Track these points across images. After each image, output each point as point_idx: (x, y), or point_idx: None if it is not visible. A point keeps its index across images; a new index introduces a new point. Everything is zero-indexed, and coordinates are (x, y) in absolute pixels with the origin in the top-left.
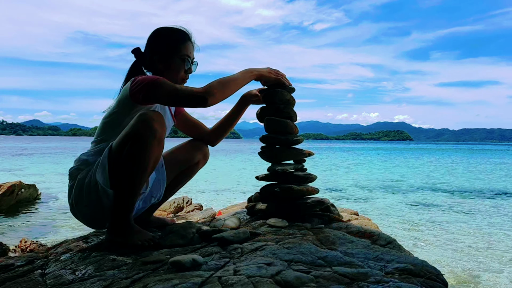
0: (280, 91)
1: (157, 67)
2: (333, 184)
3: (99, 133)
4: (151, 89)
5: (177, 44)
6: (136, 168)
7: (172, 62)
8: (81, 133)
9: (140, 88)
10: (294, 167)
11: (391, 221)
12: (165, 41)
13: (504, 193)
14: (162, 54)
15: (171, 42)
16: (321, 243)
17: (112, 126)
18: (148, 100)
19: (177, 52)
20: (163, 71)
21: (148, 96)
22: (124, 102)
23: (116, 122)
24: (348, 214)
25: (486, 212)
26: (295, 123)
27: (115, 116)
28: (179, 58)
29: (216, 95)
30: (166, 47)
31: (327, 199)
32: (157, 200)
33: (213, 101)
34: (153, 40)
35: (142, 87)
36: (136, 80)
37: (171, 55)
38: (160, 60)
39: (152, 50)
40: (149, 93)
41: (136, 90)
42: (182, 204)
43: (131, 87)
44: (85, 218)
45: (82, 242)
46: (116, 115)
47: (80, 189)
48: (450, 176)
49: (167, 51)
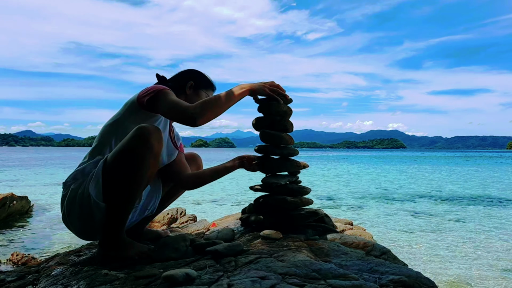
0: (277, 103)
1: (187, 92)
2: (327, 193)
3: (101, 136)
4: (156, 95)
5: (209, 85)
6: (131, 182)
7: (199, 93)
8: (74, 143)
9: (147, 94)
10: (288, 179)
11: (385, 230)
12: (203, 78)
13: (498, 200)
14: (197, 84)
15: (207, 81)
16: (315, 255)
17: (116, 129)
18: (151, 104)
19: (206, 89)
20: (189, 97)
21: (151, 101)
22: (128, 106)
23: (120, 124)
24: (342, 224)
25: (480, 220)
26: None
27: (119, 117)
28: (206, 94)
29: (206, 116)
30: (203, 81)
31: (321, 209)
32: (150, 212)
33: (202, 122)
34: (193, 72)
35: (150, 92)
36: (147, 87)
37: (203, 88)
38: (191, 87)
39: (189, 77)
40: (153, 99)
41: (143, 95)
42: (176, 215)
43: (140, 92)
44: (76, 229)
45: (74, 255)
46: (121, 116)
47: (72, 200)
48: (444, 184)
49: (202, 84)
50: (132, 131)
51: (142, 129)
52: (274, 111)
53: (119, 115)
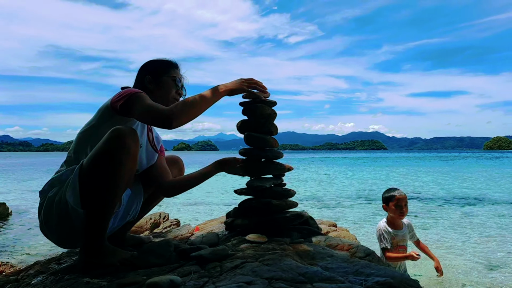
0: (261, 105)
1: (148, 88)
2: (310, 195)
3: (76, 144)
4: (128, 100)
5: (167, 67)
6: (109, 186)
7: (163, 82)
8: (53, 148)
9: (120, 98)
10: (273, 182)
11: (368, 231)
12: (157, 64)
13: (475, 199)
14: (154, 74)
15: (163, 65)
16: (301, 258)
17: (86, 140)
18: (124, 109)
19: (167, 73)
20: (154, 91)
21: (125, 106)
22: (102, 112)
23: (90, 135)
24: (326, 226)
25: (459, 220)
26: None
27: (90, 128)
28: (170, 78)
29: (182, 118)
30: (158, 68)
31: (306, 212)
32: (132, 218)
33: (178, 124)
34: (144, 66)
35: (122, 97)
36: (120, 92)
37: (162, 75)
38: (150, 81)
39: (143, 73)
40: (127, 103)
41: (116, 100)
42: (159, 220)
43: (113, 97)
44: (55, 237)
45: (55, 263)
46: (95, 123)
47: (49, 207)
48: (424, 184)
49: (158, 72)
50: (107, 133)
51: (117, 130)
52: (259, 114)
53: (93, 121)
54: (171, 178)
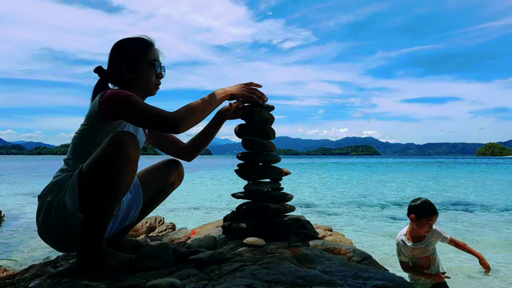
0: (259, 110)
1: (127, 78)
2: (306, 200)
3: (70, 153)
4: (122, 107)
5: (143, 50)
6: (108, 192)
7: (142, 69)
8: (46, 151)
9: (110, 105)
10: (270, 186)
11: (363, 235)
12: (129, 50)
13: (471, 204)
14: (130, 63)
15: (136, 49)
16: (299, 262)
17: (83, 145)
18: (118, 118)
19: (145, 58)
20: (134, 80)
21: (118, 114)
22: (93, 118)
23: (86, 140)
24: (322, 230)
25: (454, 225)
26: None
27: (84, 134)
28: (148, 63)
29: (187, 123)
30: (132, 55)
31: (303, 216)
32: (131, 222)
33: (184, 129)
34: (117, 52)
35: (111, 103)
36: (106, 95)
37: (139, 61)
38: (128, 70)
39: (118, 62)
40: (119, 111)
41: (106, 106)
42: (155, 224)
43: (100, 102)
44: (53, 241)
45: (51, 267)
46: (86, 132)
47: (48, 212)
48: (418, 189)
49: (134, 59)
50: (107, 139)
51: (117, 137)
52: (257, 118)
53: (85, 127)
54: (181, 143)
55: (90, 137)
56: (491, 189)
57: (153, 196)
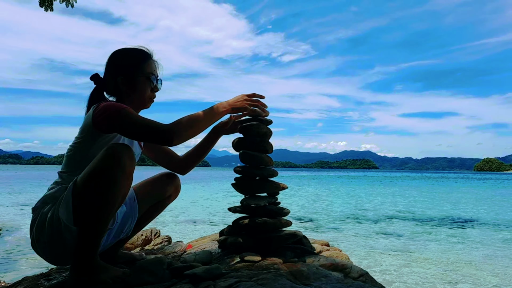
0: (257, 124)
1: (122, 90)
2: (303, 214)
3: (64, 166)
4: (116, 120)
5: (140, 62)
6: (103, 204)
7: (137, 82)
8: (44, 161)
9: (104, 117)
10: (268, 200)
11: (360, 251)
12: (126, 62)
13: (467, 221)
14: (126, 75)
15: (133, 62)
16: (295, 278)
17: (77, 158)
18: (112, 130)
19: (141, 71)
20: (129, 93)
21: (112, 127)
22: (87, 131)
23: (81, 153)
24: (319, 246)
25: (450, 240)
26: None
27: (78, 147)
28: (144, 77)
29: (182, 135)
30: (129, 67)
31: (300, 231)
32: (126, 235)
33: (179, 141)
34: (114, 62)
35: (106, 116)
36: (100, 108)
37: (135, 75)
38: (124, 82)
39: (114, 73)
40: (113, 124)
41: (100, 119)
42: (150, 237)
43: (94, 114)
44: (46, 254)
45: (44, 280)
46: (80, 145)
47: (41, 224)
48: (415, 204)
49: (130, 72)
50: (102, 151)
51: (113, 148)
52: (255, 132)
53: (80, 140)
54: (177, 156)
55: (85, 150)
56: (490, 204)
57: (149, 209)
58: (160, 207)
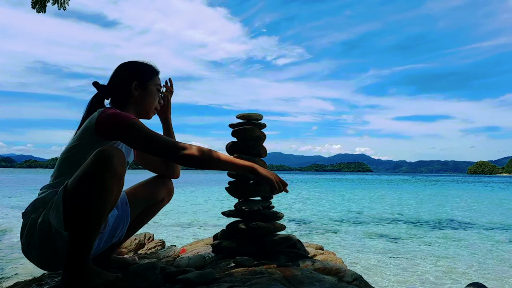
0: (251, 128)
1: (133, 94)
2: (297, 217)
3: (57, 169)
4: (124, 129)
5: (152, 74)
6: (94, 208)
7: (149, 90)
8: (37, 164)
9: (110, 125)
10: (261, 204)
11: (354, 255)
12: (142, 70)
13: (461, 223)
14: (140, 81)
15: (149, 71)
16: (289, 283)
17: (73, 162)
18: (116, 138)
19: (153, 81)
20: (139, 99)
21: (117, 135)
22: (88, 135)
23: (76, 157)
24: (313, 249)
25: (445, 243)
26: None
27: (76, 150)
28: (155, 87)
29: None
30: (144, 74)
31: (294, 235)
32: (118, 239)
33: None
34: (129, 69)
35: (113, 124)
36: (105, 114)
37: (148, 82)
38: (138, 86)
39: (129, 78)
40: (120, 133)
41: (105, 126)
42: (144, 241)
43: (98, 120)
44: (37, 259)
45: (36, 285)
46: (76, 149)
47: (32, 229)
48: (409, 207)
49: (145, 79)
50: (92, 154)
51: (103, 152)
52: (248, 136)
53: (75, 148)
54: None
55: (81, 155)
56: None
57: (142, 213)
58: (153, 211)
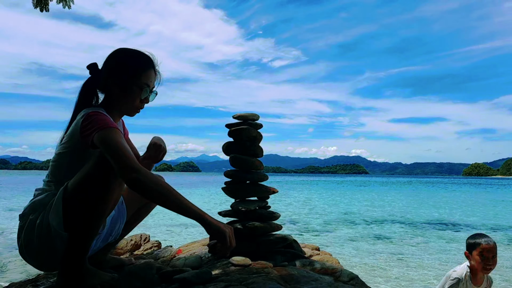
0: (247, 128)
1: (112, 91)
2: (293, 218)
3: (51, 175)
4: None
5: (138, 71)
6: (95, 210)
7: (129, 89)
8: (32, 166)
9: (90, 132)
10: (258, 204)
11: (350, 255)
12: (125, 65)
13: (457, 224)
14: (120, 79)
15: (132, 68)
16: (285, 282)
17: (64, 168)
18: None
19: (136, 80)
20: (118, 96)
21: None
22: (74, 141)
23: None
24: (309, 250)
25: (439, 244)
26: None
27: (65, 157)
28: (137, 86)
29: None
30: (126, 72)
31: (290, 235)
32: (114, 239)
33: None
34: (113, 61)
35: (92, 131)
36: (88, 120)
37: (129, 81)
38: (116, 83)
39: (110, 72)
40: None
41: (87, 134)
42: (140, 242)
43: (82, 126)
44: (35, 260)
45: (31, 285)
46: (66, 156)
47: (30, 230)
48: (404, 208)
49: (126, 77)
50: (95, 157)
51: None
52: (245, 136)
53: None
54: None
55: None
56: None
57: (136, 211)
58: (147, 210)
